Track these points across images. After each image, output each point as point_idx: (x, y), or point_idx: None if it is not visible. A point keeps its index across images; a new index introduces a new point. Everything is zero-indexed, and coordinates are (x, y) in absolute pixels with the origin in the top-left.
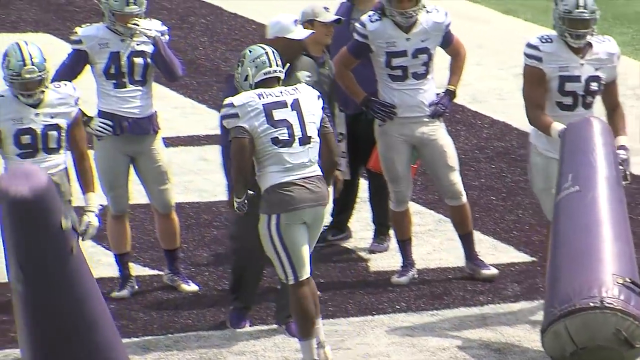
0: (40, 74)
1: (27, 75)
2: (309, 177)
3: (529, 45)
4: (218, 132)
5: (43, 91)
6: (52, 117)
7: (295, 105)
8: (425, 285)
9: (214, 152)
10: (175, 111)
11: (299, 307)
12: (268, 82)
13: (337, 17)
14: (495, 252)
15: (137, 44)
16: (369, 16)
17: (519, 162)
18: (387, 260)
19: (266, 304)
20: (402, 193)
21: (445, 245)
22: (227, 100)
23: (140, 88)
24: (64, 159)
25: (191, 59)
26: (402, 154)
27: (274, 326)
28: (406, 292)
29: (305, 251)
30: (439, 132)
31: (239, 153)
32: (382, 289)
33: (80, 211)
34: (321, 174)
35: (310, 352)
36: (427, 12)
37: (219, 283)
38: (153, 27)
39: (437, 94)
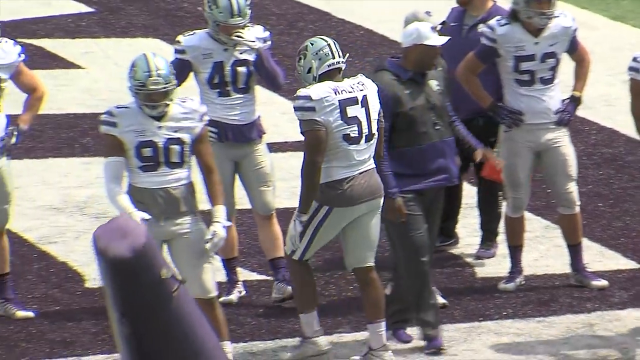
0: (165, 85)
1: (153, 87)
2: (367, 171)
3: (635, 60)
4: None
5: (168, 104)
6: (175, 131)
7: (364, 102)
8: (532, 292)
9: None
10: (283, 117)
11: (299, 278)
12: (331, 74)
13: (440, 22)
14: (602, 259)
15: (240, 53)
16: (497, 20)
17: (627, 168)
18: (494, 266)
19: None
20: (522, 200)
21: (552, 252)
22: (303, 92)
23: (243, 95)
24: (186, 173)
25: None
26: (526, 161)
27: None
28: (513, 298)
29: (374, 237)
30: (563, 139)
31: (316, 146)
32: (489, 295)
33: (208, 220)
34: (375, 166)
35: (310, 325)
36: (555, 16)
37: (325, 289)
38: (255, 34)
39: (562, 100)
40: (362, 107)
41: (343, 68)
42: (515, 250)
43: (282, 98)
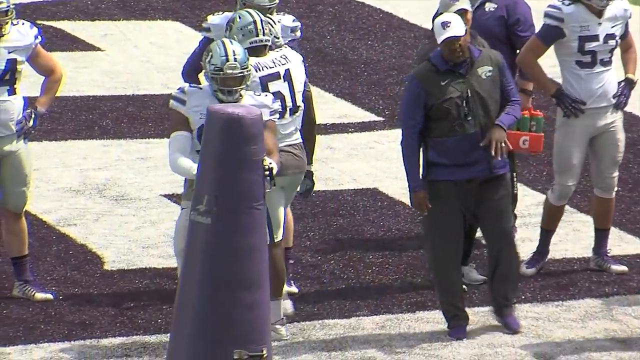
0: (242, 70)
1: (229, 71)
2: (293, 145)
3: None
4: (345, 120)
5: (241, 93)
6: None
7: (287, 76)
8: (551, 276)
9: (341, 141)
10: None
11: (272, 266)
12: (256, 50)
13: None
14: (621, 244)
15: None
16: (561, 1)
17: None
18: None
19: (392, 292)
20: (569, 188)
21: (571, 236)
22: None
23: None
24: None
25: (318, 47)
26: (581, 146)
27: (400, 315)
28: (531, 282)
29: (281, 214)
30: (618, 124)
31: None
32: None
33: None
34: (302, 141)
35: (279, 310)
36: None
37: (344, 272)
38: (285, 22)
39: (618, 83)
40: (284, 81)
41: (269, 45)
42: (547, 234)
43: None
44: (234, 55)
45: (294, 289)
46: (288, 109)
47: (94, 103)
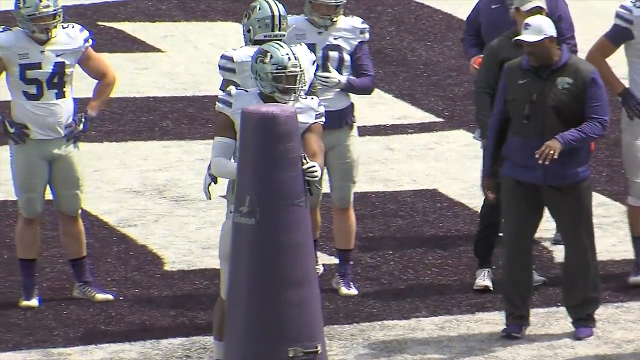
0: (301, 69)
1: (293, 68)
2: None
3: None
4: (405, 121)
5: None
6: None
7: None
8: (610, 278)
9: (401, 142)
10: (362, 101)
11: None
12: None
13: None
14: None
15: (335, 38)
16: (633, 2)
17: None
18: None
19: (452, 293)
20: None
21: (630, 237)
22: (229, 52)
23: None
24: None
25: (378, 48)
26: None
27: (460, 316)
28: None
29: None
30: None
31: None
32: None
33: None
34: None
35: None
36: None
37: (403, 273)
38: (352, 23)
39: None
40: None
41: (283, 40)
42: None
43: None
44: (293, 55)
45: (353, 291)
46: None
47: (155, 104)
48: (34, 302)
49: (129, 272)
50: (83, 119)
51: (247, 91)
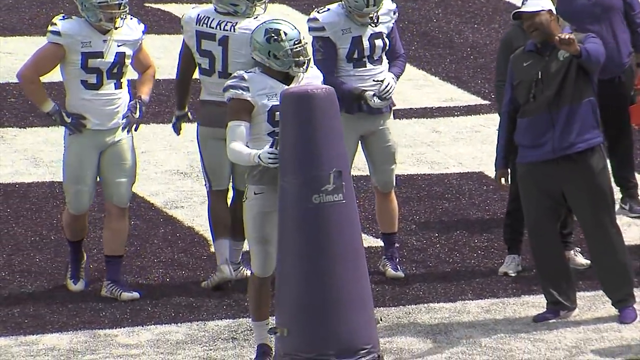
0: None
1: (305, 42)
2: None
3: None
4: (451, 104)
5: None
6: None
7: (223, 42)
8: None
9: (447, 124)
10: (409, 83)
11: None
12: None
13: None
14: None
15: (375, 25)
16: None
17: None
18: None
19: (498, 276)
20: None
21: None
22: (239, 73)
23: (377, 67)
24: None
25: (425, 30)
26: None
27: (505, 299)
28: (637, 267)
29: (221, 163)
30: None
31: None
32: None
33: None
34: None
35: (223, 249)
36: None
37: (449, 255)
38: (386, 6)
39: None
40: (219, 45)
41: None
42: None
43: (408, 64)
44: (294, 26)
45: (400, 274)
46: (217, 70)
47: (200, 86)
48: (80, 285)
49: (176, 253)
50: (138, 106)
51: (255, 73)
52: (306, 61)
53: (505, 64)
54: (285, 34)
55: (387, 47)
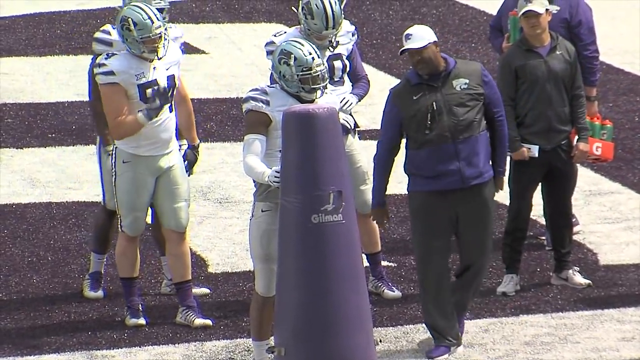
0: (324, 68)
1: (317, 68)
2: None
3: None
4: None
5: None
6: None
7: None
8: None
9: None
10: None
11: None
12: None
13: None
14: None
15: (333, 47)
16: None
17: None
18: (617, 254)
19: (496, 296)
20: None
21: None
22: (259, 85)
23: (338, 88)
24: None
25: None
26: None
27: (504, 318)
28: (636, 286)
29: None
30: None
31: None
32: (612, 283)
33: None
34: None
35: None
36: None
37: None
38: (345, 28)
39: None
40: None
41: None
42: None
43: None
44: (315, 52)
45: (398, 294)
46: None
47: (198, 106)
48: (141, 320)
49: None
50: (194, 152)
51: (276, 88)
52: (318, 88)
53: (506, 87)
54: (296, 58)
55: (348, 69)
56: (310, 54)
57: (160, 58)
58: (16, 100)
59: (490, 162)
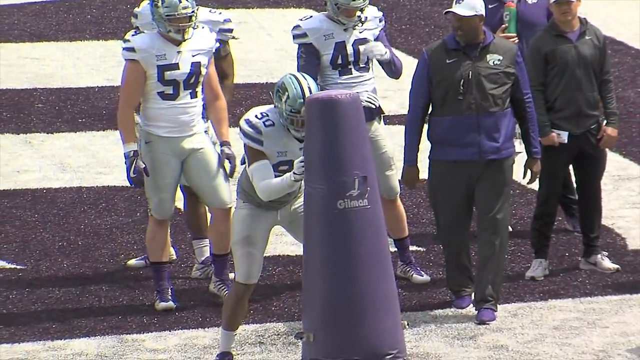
0: None
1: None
2: None
3: None
4: None
5: None
6: None
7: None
8: None
9: None
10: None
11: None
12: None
13: None
14: None
15: (360, 32)
16: None
17: None
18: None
19: (525, 280)
20: None
21: None
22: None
23: (364, 74)
24: None
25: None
26: None
27: (532, 303)
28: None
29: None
30: None
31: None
32: None
33: None
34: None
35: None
36: None
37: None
38: (371, 13)
39: None
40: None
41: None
42: None
43: None
44: (310, 90)
45: (426, 278)
46: None
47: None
48: (170, 303)
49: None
50: (229, 151)
51: (273, 124)
52: (303, 131)
53: (536, 72)
54: (289, 97)
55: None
56: (303, 97)
57: (185, 40)
58: (46, 85)
59: (524, 145)
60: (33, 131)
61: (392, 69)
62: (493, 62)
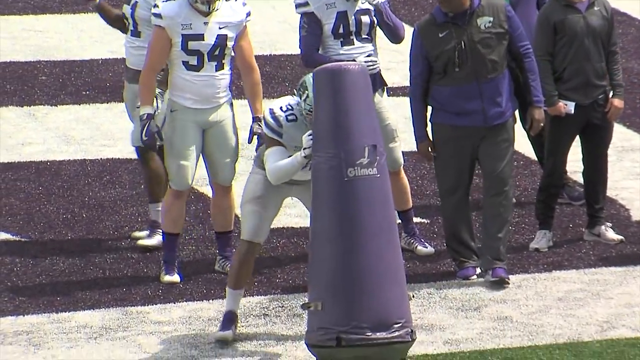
0: None
1: None
2: None
3: None
4: None
5: None
6: None
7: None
8: None
9: None
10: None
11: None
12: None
13: None
14: None
15: (363, 2)
16: None
17: None
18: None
19: (529, 252)
20: None
21: None
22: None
23: (366, 45)
24: None
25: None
26: None
27: (537, 274)
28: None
29: None
30: None
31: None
32: None
33: None
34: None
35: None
36: None
37: (480, 231)
38: None
39: None
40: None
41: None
42: None
43: None
44: None
45: (430, 250)
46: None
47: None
48: (175, 277)
49: (207, 230)
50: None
51: (296, 118)
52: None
53: (544, 40)
54: (308, 96)
55: (375, 25)
56: None
57: (212, 11)
58: (50, 57)
59: (526, 95)
60: (37, 104)
61: (391, 29)
62: (484, 26)
